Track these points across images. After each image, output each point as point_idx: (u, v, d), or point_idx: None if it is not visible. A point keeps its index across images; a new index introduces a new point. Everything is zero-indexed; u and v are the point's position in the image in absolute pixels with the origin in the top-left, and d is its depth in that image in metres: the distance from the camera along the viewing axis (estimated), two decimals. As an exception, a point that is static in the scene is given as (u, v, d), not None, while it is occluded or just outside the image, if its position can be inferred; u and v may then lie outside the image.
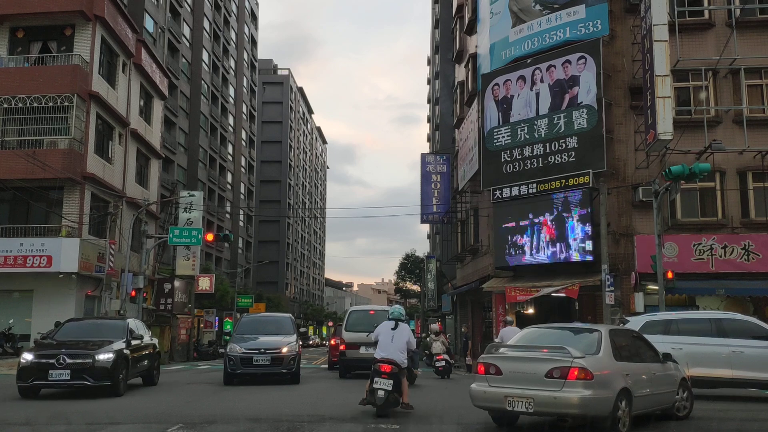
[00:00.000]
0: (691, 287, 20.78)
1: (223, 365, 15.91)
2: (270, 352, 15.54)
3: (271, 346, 15.70)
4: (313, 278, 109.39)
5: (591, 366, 7.74)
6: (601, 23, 22.43)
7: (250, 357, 15.42)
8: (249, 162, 69.40)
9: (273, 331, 16.69)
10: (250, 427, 8.86)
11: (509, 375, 8.13)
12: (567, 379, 7.65)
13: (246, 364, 15.41)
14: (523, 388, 7.92)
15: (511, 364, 8.23)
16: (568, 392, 7.63)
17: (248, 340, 15.96)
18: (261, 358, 15.45)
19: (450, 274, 41.08)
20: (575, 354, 7.81)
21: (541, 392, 7.78)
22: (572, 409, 7.71)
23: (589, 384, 7.63)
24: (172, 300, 34.56)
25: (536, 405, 7.80)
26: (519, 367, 8.11)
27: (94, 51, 26.76)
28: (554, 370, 7.74)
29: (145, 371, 15.18)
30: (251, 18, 72.29)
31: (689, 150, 20.67)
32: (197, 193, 37.85)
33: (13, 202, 25.70)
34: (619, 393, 7.91)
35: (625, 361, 8.44)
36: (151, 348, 15.71)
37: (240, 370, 15.45)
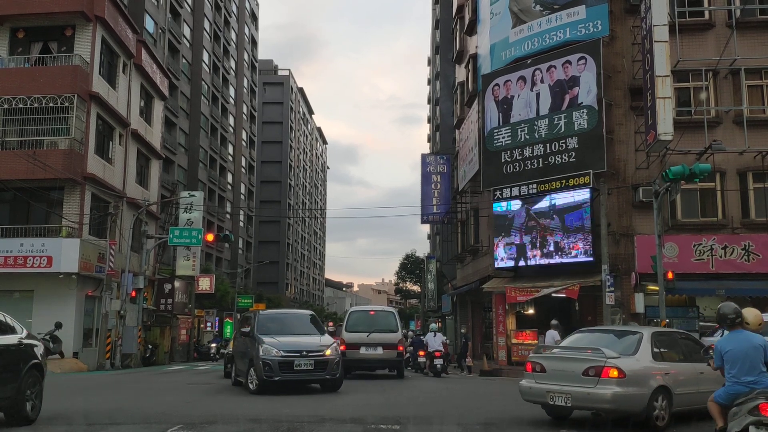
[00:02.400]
0: (692, 288, 20.78)
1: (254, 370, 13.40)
2: (313, 356, 13.31)
3: (313, 348, 13.50)
4: (313, 278, 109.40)
5: (624, 365, 8.51)
6: (602, 24, 22.42)
7: (291, 361, 13.14)
8: (249, 162, 69.42)
9: (301, 329, 14.65)
10: (250, 428, 8.87)
11: (552, 373, 9.07)
12: (601, 377, 8.47)
13: (286, 369, 13.08)
14: (563, 385, 8.81)
15: (553, 363, 9.21)
16: (601, 389, 8.43)
17: (282, 341, 13.59)
18: (303, 362, 13.21)
19: (450, 274, 41.09)
20: (609, 355, 8.63)
21: (578, 388, 8.63)
22: (605, 404, 8.50)
23: (622, 382, 8.40)
24: (172, 300, 34.58)
25: (573, 400, 8.68)
26: (560, 366, 9.06)
27: (95, 51, 26.78)
28: (590, 368, 8.59)
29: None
30: (251, 18, 72.32)
31: (689, 150, 20.67)
32: (197, 193, 37.87)
33: (13, 202, 25.72)
34: (656, 390, 8.63)
35: (667, 361, 9.16)
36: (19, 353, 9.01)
37: (279, 377, 13.03)
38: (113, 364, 25.86)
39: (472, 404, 11.73)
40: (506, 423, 9.57)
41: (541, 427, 9.50)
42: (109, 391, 14.98)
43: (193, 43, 50.96)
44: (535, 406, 11.32)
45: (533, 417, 10.29)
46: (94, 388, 15.44)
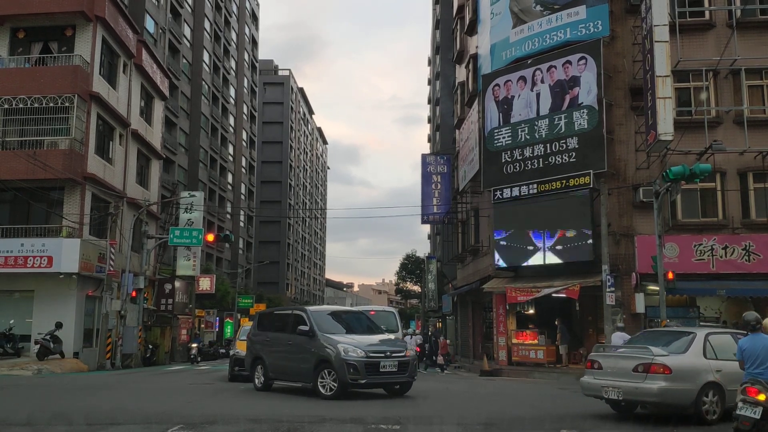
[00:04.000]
0: (692, 288, 20.77)
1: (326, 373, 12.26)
2: (396, 357, 12.51)
3: (396, 349, 12.75)
4: (313, 278, 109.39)
5: (670, 362, 9.44)
6: (602, 24, 22.43)
7: (377, 362, 12.18)
8: (249, 162, 69.44)
9: (360, 328, 13.74)
10: (250, 428, 8.87)
11: (607, 369, 10.09)
12: (648, 373, 9.43)
13: (372, 371, 12.11)
14: (615, 380, 9.83)
15: (609, 360, 10.24)
16: (648, 384, 9.39)
17: (358, 340, 12.70)
18: (388, 363, 12.31)
19: (450, 274, 41.09)
20: (656, 353, 9.61)
21: (628, 383, 9.60)
22: (651, 397, 9.46)
23: (668, 377, 9.33)
24: (172, 300, 34.59)
25: (624, 393, 9.66)
26: (614, 363, 10.06)
27: (95, 51, 26.78)
28: (639, 365, 9.56)
29: None
30: (252, 19, 72.35)
31: (690, 150, 20.67)
32: (198, 193, 37.88)
33: (13, 202, 25.71)
34: (705, 386, 9.48)
35: (720, 360, 9.85)
36: None
37: (365, 380, 12.08)
38: (114, 364, 25.86)
39: (472, 404, 11.73)
40: (507, 423, 9.57)
41: (541, 426, 9.51)
42: (110, 391, 14.98)
43: (194, 43, 50.97)
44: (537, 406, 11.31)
45: (533, 417, 10.29)
46: (94, 388, 15.43)
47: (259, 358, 14.22)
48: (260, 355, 14.17)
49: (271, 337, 14.08)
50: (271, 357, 13.84)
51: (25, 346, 23.76)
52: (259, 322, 15.00)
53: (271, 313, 15.40)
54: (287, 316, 14.24)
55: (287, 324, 13.77)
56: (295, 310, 14.28)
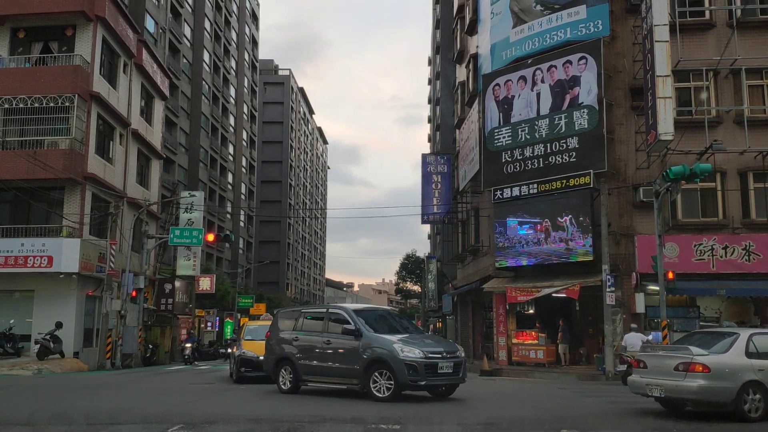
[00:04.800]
0: (692, 288, 20.78)
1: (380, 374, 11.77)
2: (452, 357, 12.08)
3: (450, 349, 12.40)
4: (313, 278, 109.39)
5: (709, 361, 9.79)
6: (602, 23, 22.43)
7: (435, 364, 11.74)
8: (250, 162, 69.44)
9: (401, 327, 13.24)
10: (250, 428, 8.87)
11: (651, 368, 10.55)
12: (688, 371, 9.82)
13: (431, 372, 11.66)
14: (658, 378, 10.27)
15: (653, 360, 10.67)
16: (688, 382, 9.79)
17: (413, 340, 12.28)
18: (445, 364, 11.90)
19: (451, 274, 41.09)
20: (696, 352, 9.97)
21: (669, 381, 10.04)
22: (691, 395, 9.84)
23: (707, 376, 9.68)
24: (172, 300, 34.58)
25: (665, 391, 10.10)
26: (658, 362, 10.49)
27: (95, 51, 26.78)
28: (680, 364, 9.96)
29: None
30: (252, 18, 72.34)
31: (690, 150, 20.67)
32: (198, 193, 37.86)
33: (14, 202, 25.71)
34: (746, 385, 9.79)
35: (763, 359, 10.10)
36: None
37: (425, 381, 11.64)
38: (114, 364, 25.86)
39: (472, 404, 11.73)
40: (507, 423, 9.57)
41: (541, 426, 9.50)
42: (110, 390, 14.98)
43: (194, 43, 50.97)
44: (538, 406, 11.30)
45: (534, 417, 10.29)
46: (94, 388, 15.44)
47: (285, 359, 13.57)
48: (287, 356, 13.51)
49: (301, 337, 13.45)
50: (302, 358, 13.21)
51: (25, 345, 23.76)
52: (281, 322, 14.38)
53: (298, 312, 14.69)
54: (320, 314, 13.77)
55: (323, 323, 13.27)
56: (330, 308, 13.88)
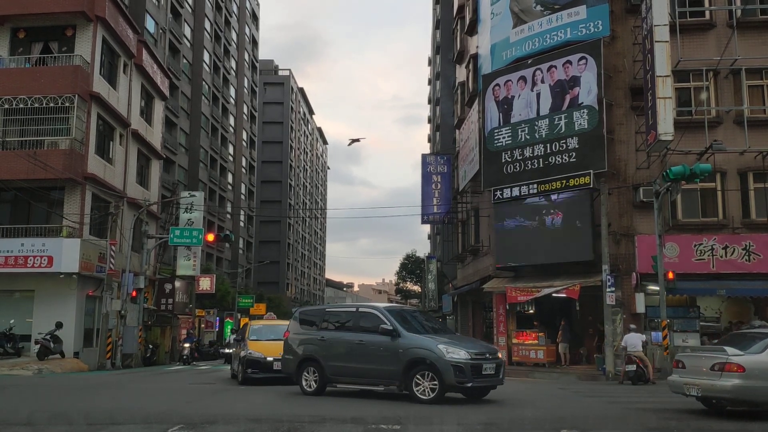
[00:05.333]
0: (692, 288, 20.78)
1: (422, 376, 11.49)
2: (493, 359, 11.87)
3: (492, 350, 12.27)
4: (313, 278, 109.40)
5: (744, 361, 9.98)
6: (602, 24, 22.43)
7: (480, 365, 11.51)
8: (250, 162, 69.45)
9: (432, 328, 12.95)
10: (250, 428, 8.87)
11: (689, 368, 10.76)
12: (723, 371, 10.01)
13: (476, 374, 11.42)
14: (695, 378, 10.46)
15: (691, 360, 10.92)
16: (723, 381, 9.97)
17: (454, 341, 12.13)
18: (488, 366, 11.65)
19: (451, 274, 41.09)
20: (731, 352, 10.18)
21: (705, 381, 10.22)
22: (726, 394, 10.05)
23: (741, 375, 9.86)
24: (173, 300, 34.58)
25: (702, 390, 10.29)
26: (695, 363, 10.72)
27: (95, 51, 26.79)
28: (715, 364, 10.14)
29: None
30: (252, 19, 72.35)
31: (690, 150, 20.67)
32: (198, 193, 37.88)
33: (14, 202, 25.72)
34: None
35: None
36: None
37: (471, 383, 11.39)
38: (114, 364, 25.86)
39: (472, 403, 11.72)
40: (507, 423, 9.57)
41: (541, 426, 9.51)
42: (110, 390, 14.98)
43: (194, 43, 50.97)
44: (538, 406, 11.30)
45: (534, 417, 10.30)
46: (94, 388, 15.44)
47: (310, 360, 13.12)
48: (313, 356, 13.07)
49: (328, 337, 13.03)
50: (330, 358, 12.76)
51: (25, 346, 23.76)
52: (303, 321, 13.93)
53: (323, 311, 14.33)
54: (349, 313, 13.44)
55: (352, 323, 12.91)
56: (361, 307, 13.54)
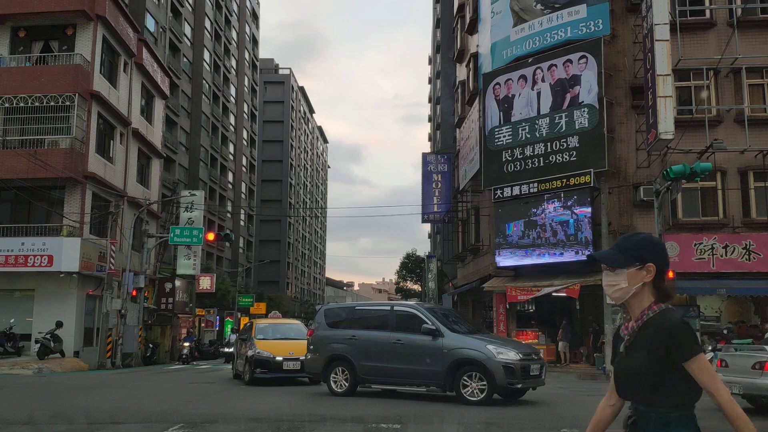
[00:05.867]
0: (692, 287, 20.75)
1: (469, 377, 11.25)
2: (537, 359, 11.86)
3: (535, 350, 12.27)
4: (314, 278, 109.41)
5: None
6: (603, 22, 22.41)
7: (528, 365, 11.43)
8: (250, 161, 69.43)
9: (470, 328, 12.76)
10: (251, 427, 8.87)
11: (732, 367, 11.06)
12: (764, 370, 10.27)
13: (525, 374, 11.32)
14: (737, 376, 10.70)
15: (733, 359, 11.23)
16: (764, 379, 10.25)
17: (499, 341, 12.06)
18: (535, 366, 11.60)
19: (451, 273, 41.08)
20: None
21: (746, 379, 10.51)
22: (765, 391, 10.32)
23: None
24: (173, 299, 34.58)
25: (743, 388, 10.53)
26: (737, 362, 11.05)
27: (96, 50, 26.77)
28: (756, 363, 10.50)
29: None
30: (252, 17, 72.31)
31: (690, 149, 20.65)
32: (198, 192, 37.89)
33: (14, 201, 25.73)
34: None
35: None
36: None
37: (520, 384, 11.31)
38: (114, 363, 25.87)
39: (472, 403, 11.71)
40: (507, 422, 9.57)
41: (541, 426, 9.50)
42: (110, 390, 14.99)
43: (194, 42, 50.95)
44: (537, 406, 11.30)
45: (534, 416, 10.29)
46: (94, 387, 15.44)
47: (339, 359, 12.68)
48: (343, 356, 12.61)
49: (360, 336, 12.59)
50: (363, 358, 12.35)
51: (25, 345, 23.76)
52: (329, 319, 13.45)
53: (352, 309, 13.81)
54: (383, 312, 13.04)
55: (387, 321, 12.55)
56: (397, 305, 13.26)
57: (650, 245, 2.57)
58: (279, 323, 18.43)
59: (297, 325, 18.40)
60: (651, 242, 2.59)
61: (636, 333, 2.50)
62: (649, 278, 2.52)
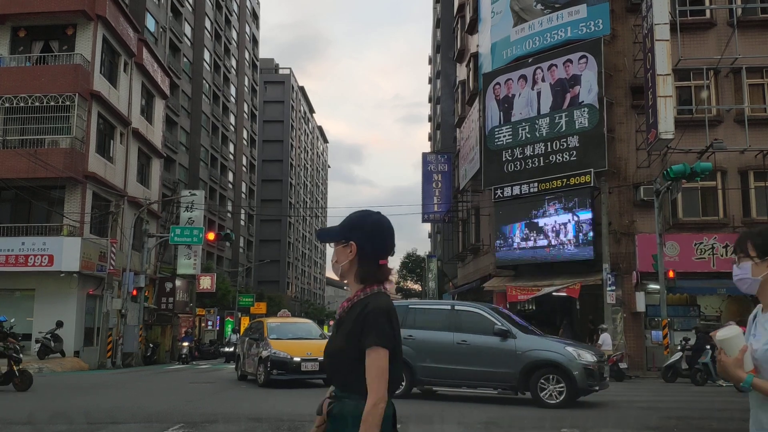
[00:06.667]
0: (693, 286, 20.78)
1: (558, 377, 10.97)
2: (606, 362, 11.75)
3: (601, 353, 12.21)
4: (314, 277, 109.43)
5: None
6: (603, 22, 22.41)
7: (603, 367, 11.47)
8: (250, 161, 69.43)
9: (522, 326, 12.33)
10: (251, 427, 8.87)
11: None
12: None
13: (601, 376, 11.30)
14: None
15: None
16: None
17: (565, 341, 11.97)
18: (606, 368, 11.58)
19: (451, 273, 41.08)
20: None
21: None
22: None
23: None
24: (173, 299, 34.59)
25: None
26: None
27: (96, 50, 26.77)
28: None
29: None
30: (252, 17, 72.30)
31: (690, 149, 20.66)
32: (198, 192, 37.90)
33: (14, 201, 25.73)
34: None
35: None
36: None
37: (597, 387, 11.15)
38: (114, 363, 25.87)
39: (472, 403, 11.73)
40: (507, 422, 9.57)
41: (541, 425, 9.50)
42: (110, 390, 14.99)
43: (194, 42, 50.94)
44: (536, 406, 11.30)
45: (534, 416, 10.29)
46: (95, 387, 15.45)
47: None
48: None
49: (418, 336, 12.03)
50: (423, 359, 11.83)
51: (25, 344, 23.74)
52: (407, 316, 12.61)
53: (405, 308, 12.98)
54: (442, 311, 12.67)
55: (448, 322, 12.10)
56: (458, 305, 12.92)
57: (358, 223, 2.43)
58: (291, 322, 17.47)
59: (310, 325, 17.65)
60: (360, 220, 2.44)
61: (345, 314, 2.39)
62: (351, 257, 2.40)
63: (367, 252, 2.40)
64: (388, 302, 2.35)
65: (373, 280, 2.39)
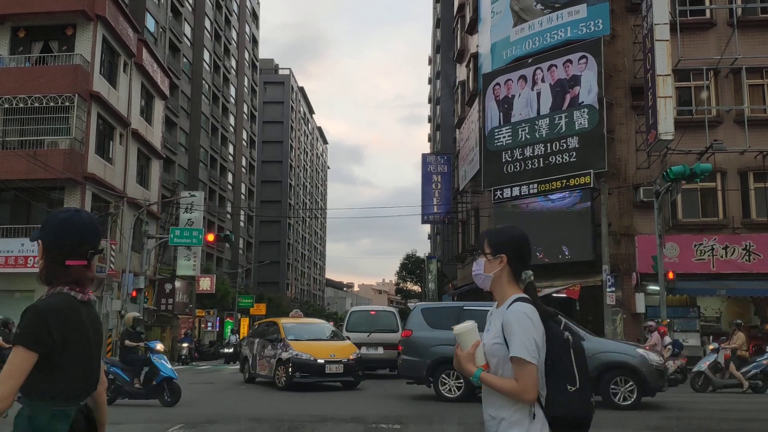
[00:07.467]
0: (692, 288, 20.76)
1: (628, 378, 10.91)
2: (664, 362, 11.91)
3: None
4: (313, 278, 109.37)
5: None
6: (603, 23, 22.41)
7: (666, 368, 11.82)
8: (250, 162, 69.41)
9: None
10: (251, 427, 8.86)
11: None
12: None
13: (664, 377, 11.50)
14: None
15: None
16: None
17: None
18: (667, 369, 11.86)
19: (451, 274, 41.07)
20: None
21: None
22: None
23: None
24: (173, 300, 34.59)
25: None
26: None
27: (96, 51, 26.76)
28: None
29: None
30: (252, 17, 72.32)
31: (690, 150, 20.65)
32: (198, 193, 37.88)
33: (14, 202, 25.70)
34: None
35: None
36: None
37: (665, 388, 11.44)
38: (114, 364, 25.82)
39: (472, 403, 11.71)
40: (507, 422, 9.55)
41: (542, 426, 9.48)
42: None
43: (194, 42, 50.94)
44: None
45: (534, 416, 10.27)
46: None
47: (450, 363, 12.21)
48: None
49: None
50: None
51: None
52: (430, 320, 12.52)
53: (459, 309, 12.50)
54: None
55: None
56: None
57: (46, 221, 2.32)
58: (307, 323, 17.00)
59: (326, 325, 17.21)
60: (50, 218, 2.32)
61: None
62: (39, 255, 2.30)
63: (53, 253, 2.29)
64: (48, 299, 2.25)
65: (53, 278, 2.30)
